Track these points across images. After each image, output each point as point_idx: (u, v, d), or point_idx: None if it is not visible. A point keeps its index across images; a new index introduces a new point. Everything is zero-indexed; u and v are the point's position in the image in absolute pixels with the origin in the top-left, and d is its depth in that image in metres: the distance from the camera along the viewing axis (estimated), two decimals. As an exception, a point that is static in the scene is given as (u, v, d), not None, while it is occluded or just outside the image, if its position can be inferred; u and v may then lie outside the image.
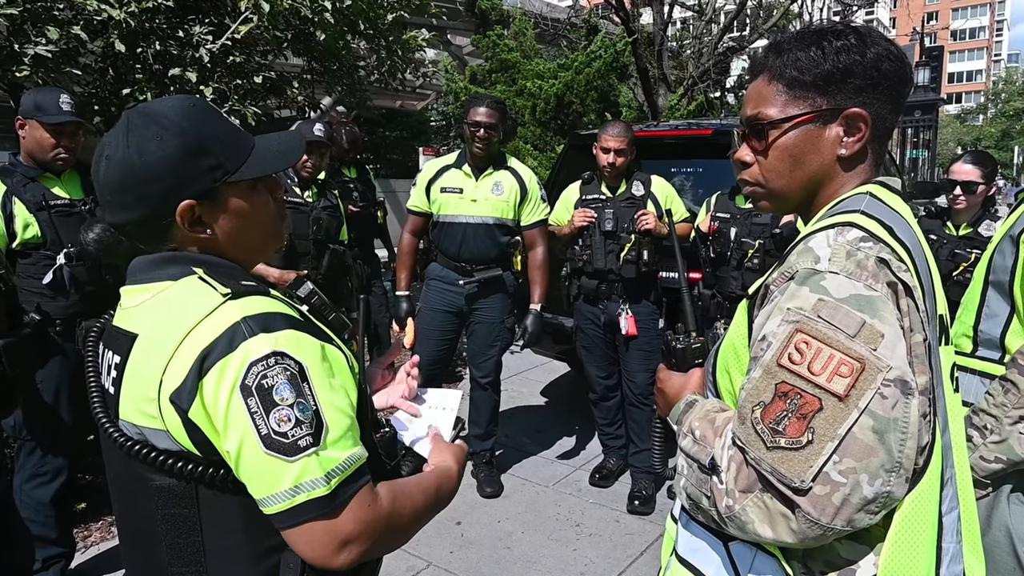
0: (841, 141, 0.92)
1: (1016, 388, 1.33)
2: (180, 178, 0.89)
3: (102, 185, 0.90)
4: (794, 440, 0.77)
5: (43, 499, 2.40)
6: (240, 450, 0.81)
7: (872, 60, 0.89)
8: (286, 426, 0.80)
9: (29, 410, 2.36)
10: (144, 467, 0.86)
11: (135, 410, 0.86)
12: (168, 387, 0.83)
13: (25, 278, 2.33)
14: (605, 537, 2.96)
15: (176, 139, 0.88)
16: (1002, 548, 1.39)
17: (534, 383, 4.97)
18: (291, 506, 0.81)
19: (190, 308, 0.86)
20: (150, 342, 0.87)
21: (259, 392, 0.81)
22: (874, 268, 0.80)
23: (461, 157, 3.23)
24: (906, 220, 0.90)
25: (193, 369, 0.81)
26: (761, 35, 9.41)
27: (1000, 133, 42.67)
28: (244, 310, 0.84)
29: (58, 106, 2.33)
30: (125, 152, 0.88)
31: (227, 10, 3.59)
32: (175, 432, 0.84)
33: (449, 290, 3.22)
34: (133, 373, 0.87)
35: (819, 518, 0.75)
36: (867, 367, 0.76)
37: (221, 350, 0.81)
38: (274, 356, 0.82)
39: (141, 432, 0.86)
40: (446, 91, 7.88)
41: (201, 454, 0.84)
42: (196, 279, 0.89)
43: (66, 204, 2.42)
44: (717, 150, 3.56)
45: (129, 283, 0.95)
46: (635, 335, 3.14)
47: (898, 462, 0.75)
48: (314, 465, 0.81)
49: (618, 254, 3.13)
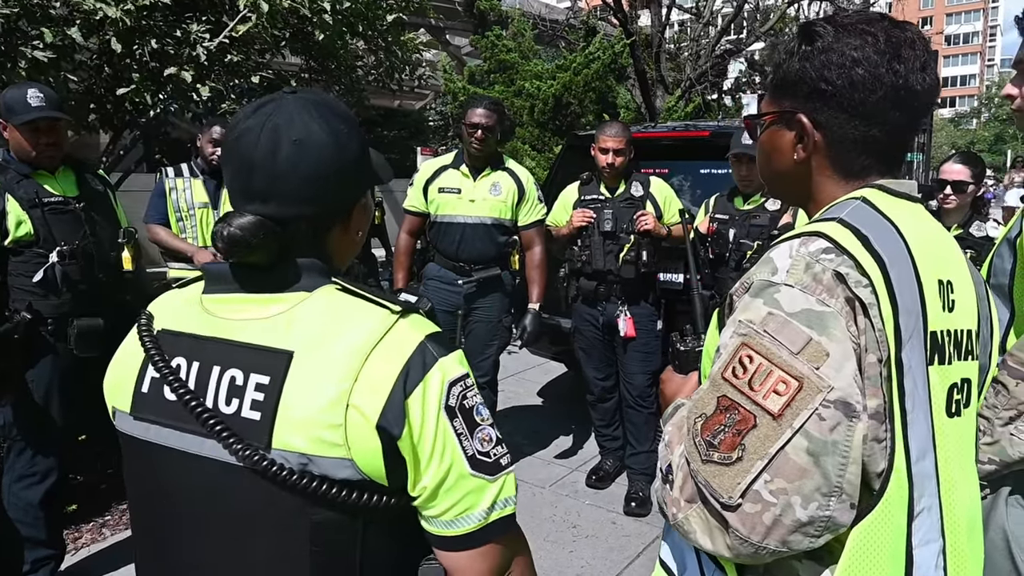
0: (794, 146, 0.91)
1: (1006, 389, 1.33)
2: (362, 174, 0.88)
3: (285, 170, 0.80)
4: (726, 455, 0.76)
5: (32, 500, 2.37)
6: (445, 474, 0.78)
7: (818, 67, 0.86)
8: (488, 445, 0.80)
9: (19, 410, 2.33)
10: (304, 500, 0.75)
11: (306, 438, 0.75)
12: (367, 412, 0.75)
13: (16, 276, 2.30)
14: (602, 539, 2.94)
15: (358, 135, 0.86)
16: (998, 550, 1.39)
17: (531, 384, 4.96)
18: (485, 524, 0.80)
19: (360, 325, 0.79)
20: (315, 361, 0.76)
21: (463, 413, 0.79)
22: (830, 282, 0.77)
23: (459, 157, 3.22)
24: (897, 228, 0.84)
25: (396, 392, 0.76)
26: (758, 38, 9.43)
27: (993, 137, 42.93)
28: (420, 329, 0.81)
29: (26, 103, 2.23)
30: (323, 138, 0.81)
31: (224, 8, 3.57)
32: (365, 461, 0.76)
33: (447, 290, 3.21)
34: (299, 397, 0.76)
35: (749, 535, 0.74)
36: (805, 386, 0.73)
37: (418, 371, 0.77)
38: (469, 377, 0.81)
39: (308, 461, 0.75)
40: (444, 91, 7.88)
41: (388, 484, 0.78)
42: (337, 291, 0.82)
43: (60, 201, 2.38)
44: (715, 152, 3.55)
45: (224, 290, 0.84)
46: (633, 337, 3.13)
47: (837, 486, 0.73)
48: (511, 483, 0.82)
49: (617, 255, 3.12)
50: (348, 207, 0.87)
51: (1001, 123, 42.63)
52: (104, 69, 3.40)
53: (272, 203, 0.81)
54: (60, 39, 2.95)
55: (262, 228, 0.79)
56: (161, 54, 3.22)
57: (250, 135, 0.81)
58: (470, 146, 3.09)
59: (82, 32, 3.03)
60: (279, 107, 0.82)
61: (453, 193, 3.15)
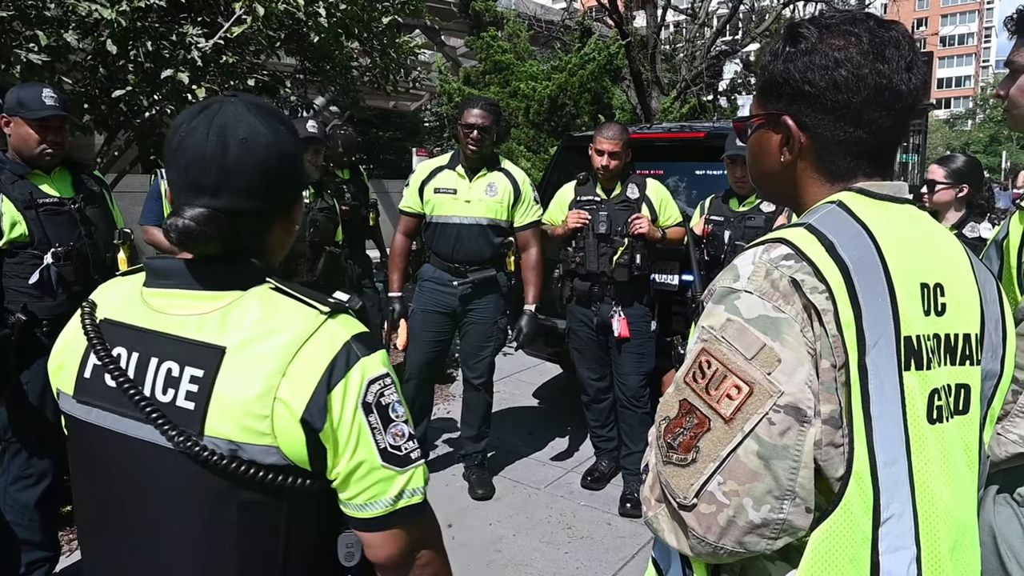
0: (781, 148, 0.91)
1: None
2: (300, 171, 0.95)
3: (235, 166, 0.86)
4: (682, 457, 0.79)
5: (28, 502, 2.37)
6: (359, 463, 0.85)
7: (801, 68, 0.86)
8: (400, 440, 0.87)
9: (14, 412, 2.33)
10: (232, 483, 0.83)
11: (236, 426, 0.82)
12: (292, 406, 0.82)
13: (11, 277, 2.30)
14: (597, 540, 2.95)
15: (294, 135, 0.94)
16: (986, 548, 1.40)
17: (526, 385, 4.96)
18: (391, 511, 0.87)
19: (290, 324, 0.85)
20: (246, 357, 0.83)
21: (378, 409, 0.86)
22: (787, 288, 0.78)
23: (454, 158, 3.23)
24: (870, 232, 0.82)
25: (320, 388, 0.83)
26: (753, 39, 9.46)
27: (988, 138, 43.04)
28: (347, 329, 0.88)
29: (41, 101, 2.29)
30: (267, 136, 0.89)
31: (220, 10, 3.56)
32: (290, 448, 0.83)
33: (442, 291, 3.21)
34: (230, 389, 0.83)
35: (704, 535, 0.77)
36: (755, 391, 0.75)
37: (341, 369, 0.84)
38: (388, 375, 0.88)
39: (237, 448, 0.83)
40: (440, 92, 7.88)
41: (311, 468, 0.85)
42: (271, 290, 0.89)
43: (55, 202, 2.38)
44: (710, 153, 3.56)
45: (167, 285, 0.90)
46: (628, 337, 3.13)
47: (789, 490, 0.74)
48: (419, 475, 0.89)
49: (611, 257, 3.13)
50: (289, 202, 0.95)
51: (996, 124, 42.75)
52: (99, 70, 3.40)
53: (223, 197, 0.87)
54: (55, 41, 2.94)
55: (214, 220, 0.86)
56: (156, 56, 3.22)
57: (198, 134, 0.87)
58: (466, 147, 3.09)
59: (77, 34, 3.02)
60: (223, 108, 0.89)
61: (449, 194, 3.16)
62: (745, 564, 0.83)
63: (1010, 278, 1.43)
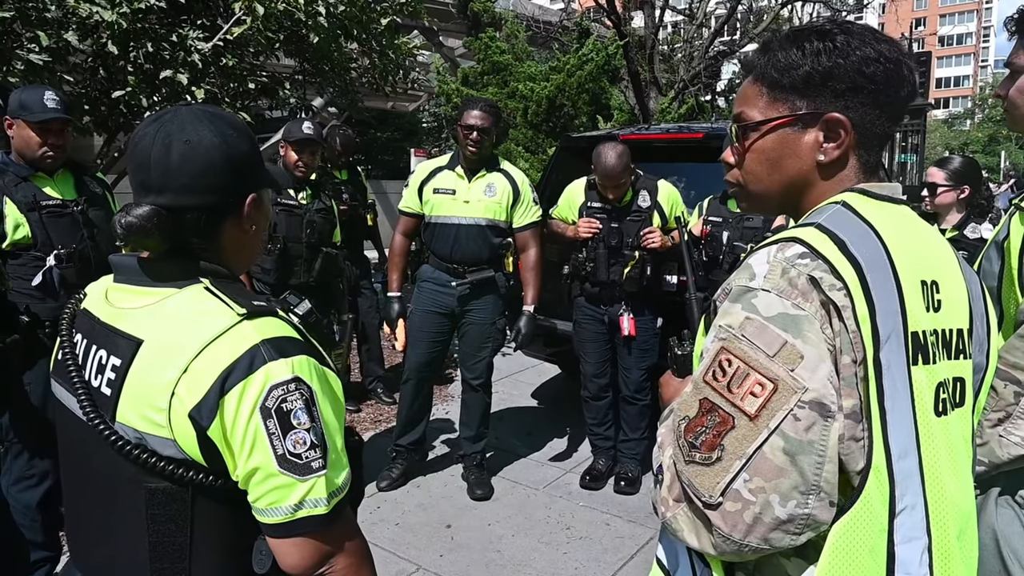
0: (820, 147, 0.89)
1: (994, 391, 1.34)
2: (251, 173, 0.99)
3: (177, 166, 0.91)
4: (706, 456, 0.79)
5: (30, 503, 2.38)
6: (255, 468, 0.86)
7: (855, 63, 0.85)
8: (301, 448, 0.86)
9: (16, 412, 2.33)
10: (139, 470, 0.87)
11: (139, 416, 0.87)
12: (185, 402, 0.85)
13: (14, 279, 2.31)
14: (595, 540, 2.96)
15: (247, 139, 0.98)
16: (988, 550, 1.40)
17: (525, 385, 4.97)
18: (291, 519, 0.87)
19: (204, 323, 0.88)
20: (158, 351, 0.88)
21: (278, 415, 0.85)
22: (805, 286, 0.79)
23: (454, 159, 3.23)
24: (876, 232, 0.84)
25: (214, 388, 0.84)
26: (751, 39, 9.47)
27: (987, 138, 43.02)
28: (261, 332, 0.88)
29: (43, 104, 2.30)
30: (212, 138, 0.93)
31: (219, 11, 3.58)
32: (185, 443, 0.86)
33: (441, 292, 3.22)
34: (138, 380, 0.88)
35: (730, 533, 0.77)
36: (780, 388, 0.76)
37: (241, 371, 0.85)
38: (293, 382, 0.87)
39: (142, 437, 0.87)
40: (438, 93, 7.88)
41: (207, 465, 0.87)
42: (203, 290, 0.92)
43: (58, 205, 2.39)
44: (708, 153, 3.57)
45: (120, 280, 0.97)
46: (634, 336, 3.15)
47: (815, 485, 0.75)
48: (321, 485, 0.87)
49: (622, 269, 3.15)
50: (238, 201, 0.97)
51: (995, 124, 42.74)
52: (99, 72, 3.41)
53: (166, 195, 0.92)
54: (55, 42, 2.95)
55: (155, 215, 0.91)
56: (156, 57, 3.23)
57: (147, 139, 0.93)
58: (466, 148, 3.10)
59: (77, 35, 3.03)
60: (174, 116, 0.95)
61: (448, 194, 3.17)
62: (760, 562, 0.83)
63: (1011, 279, 1.42)
